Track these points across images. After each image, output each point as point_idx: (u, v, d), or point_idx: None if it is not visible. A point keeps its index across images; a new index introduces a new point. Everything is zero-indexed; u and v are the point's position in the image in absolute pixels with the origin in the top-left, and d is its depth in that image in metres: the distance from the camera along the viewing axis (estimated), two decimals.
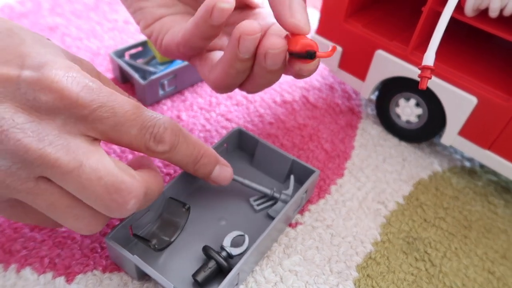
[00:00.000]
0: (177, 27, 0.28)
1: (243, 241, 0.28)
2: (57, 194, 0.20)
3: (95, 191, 0.20)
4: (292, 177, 0.32)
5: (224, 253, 0.27)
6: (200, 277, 0.26)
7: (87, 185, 0.20)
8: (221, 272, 0.26)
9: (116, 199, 0.21)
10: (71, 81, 0.20)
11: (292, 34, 0.24)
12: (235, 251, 0.27)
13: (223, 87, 0.27)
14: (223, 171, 0.28)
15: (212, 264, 0.26)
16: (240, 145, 0.35)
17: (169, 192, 0.29)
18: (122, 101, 0.22)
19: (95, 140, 0.22)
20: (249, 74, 0.26)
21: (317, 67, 0.25)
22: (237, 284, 0.26)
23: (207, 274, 0.26)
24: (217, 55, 0.29)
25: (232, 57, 0.24)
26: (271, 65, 0.24)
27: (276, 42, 0.23)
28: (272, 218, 0.29)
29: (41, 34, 0.24)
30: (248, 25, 0.22)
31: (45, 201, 0.20)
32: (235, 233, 0.28)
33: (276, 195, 0.30)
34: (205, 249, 0.27)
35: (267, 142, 0.33)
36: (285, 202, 0.30)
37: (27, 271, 0.26)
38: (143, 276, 0.27)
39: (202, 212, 0.31)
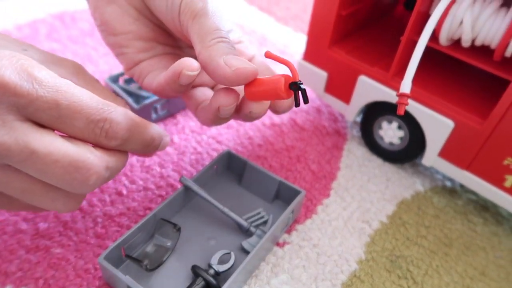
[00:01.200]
0: (154, 72, 0.30)
1: (229, 259, 0.29)
2: (26, 180, 0.21)
3: (55, 174, 0.21)
4: (271, 216, 0.33)
5: (211, 271, 0.28)
6: None
7: (45, 169, 0.20)
8: None
9: (77, 177, 0.21)
10: (11, 71, 0.20)
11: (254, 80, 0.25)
12: (221, 268, 0.28)
13: (210, 125, 0.29)
14: (165, 143, 0.28)
15: (199, 281, 0.27)
16: (230, 166, 0.37)
17: (160, 213, 0.30)
18: (72, 93, 0.21)
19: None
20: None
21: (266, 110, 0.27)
22: None
23: None
24: (201, 92, 0.30)
25: (215, 111, 0.26)
26: (223, 115, 0.27)
27: (224, 100, 0.25)
28: (247, 252, 0.30)
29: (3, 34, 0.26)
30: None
31: (17, 188, 0.21)
32: (221, 252, 0.29)
33: (252, 229, 0.31)
34: (193, 268, 0.28)
35: (255, 164, 0.34)
36: (260, 237, 0.31)
37: None
38: None
39: (192, 232, 0.32)
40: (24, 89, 0.20)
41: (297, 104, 0.23)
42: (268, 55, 0.25)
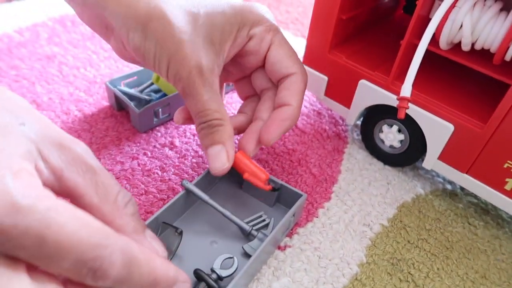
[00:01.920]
0: None
1: (232, 263, 0.29)
2: None
3: None
4: (272, 219, 0.33)
5: (214, 275, 0.28)
6: None
7: None
8: None
9: None
10: None
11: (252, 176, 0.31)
12: (224, 273, 0.28)
13: None
14: None
15: (202, 286, 0.27)
16: (231, 170, 0.37)
17: (162, 217, 0.30)
18: (63, 224, 0.17)
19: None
20: None
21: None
22: None
23: None
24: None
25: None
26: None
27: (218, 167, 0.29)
28: (249, 256, 0.30)
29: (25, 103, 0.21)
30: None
31: None
32: (224, 256, 0.29)
33: (254, 232, 0.31)
34: (196, 272, 0.28)
35: None
36: (262, 240, 0.31)
37: None
38: None
39: (195, 236, 0.32)
40: (3, 225, 0.16)
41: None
42: (245, 177, 0.31)
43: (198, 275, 0.28)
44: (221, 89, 0.36)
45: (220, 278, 0.28)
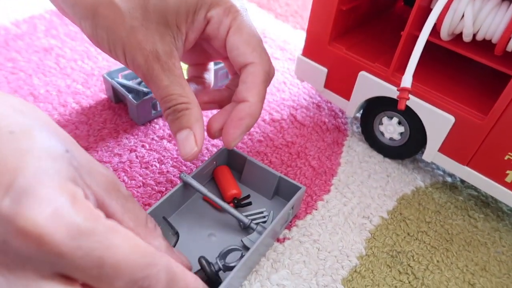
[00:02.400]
0: None
1: (239, 256, 0.28)
2: None
3: None
4: (271, 212, 0.33)
5: (217, 266, 0.27)
6: None
7: None
8: (213, 285, 0.27)
9: None
10: (57, 222, 0.16)
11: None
12: (228, 264, 0.28)
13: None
14: None
15: (201, 273, 0.27)
16: (229, 162, 0.36)
17: (159, 209, 0.30)
18: (119, 246, 0.18)
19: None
20: None
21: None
22: None
23: None
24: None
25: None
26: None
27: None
28: (247, 248, 0.30)
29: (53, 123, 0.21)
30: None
31: None
32: (231, 246, 0.29)
33: (253, 225, 0.31)
34: (200, 260, 0.27)
35: (255, 160, 0.34)
36: (260, 233, 0.31)
37: None
38: None
39: (193, 228, 0.32)
40: (68, 248, 0.16)
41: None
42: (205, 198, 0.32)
43: (201, 263, 0.27)
44: (204, 70, 0.35)
45: (223, 268, 0.27)
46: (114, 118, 0.41)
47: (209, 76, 0.36)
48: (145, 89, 0.41)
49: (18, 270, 0.16)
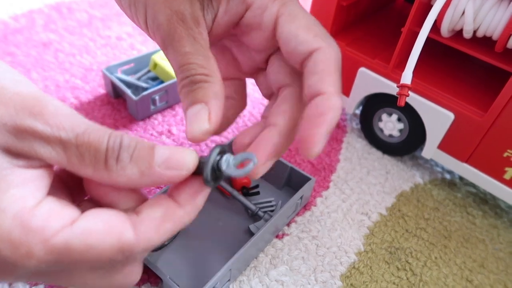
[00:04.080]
0: None
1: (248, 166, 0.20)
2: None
3: None
4: (280, 202, 0.33)
5: (221, 164, 0.20)
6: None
7: None
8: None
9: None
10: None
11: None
12: (233, 171, 0.20)
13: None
14: None
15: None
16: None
17: None
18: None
19: None
20: None
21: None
22: (229, 280, 0.28)
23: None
24: None
25: None
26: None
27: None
28: (252, 234, 0.30)
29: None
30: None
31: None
32: (245, 155, 0.21)
33: (260, 213, 0.32)
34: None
35: None
36: (267, 221, 0.31)
37: None
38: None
39: (201, 214, 0.32)
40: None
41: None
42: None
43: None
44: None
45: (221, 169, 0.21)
46: (113, 113, 0.41)
47: (242, 97, 0.28)
48: (144, 85, 0.41)
49: None
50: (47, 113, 0.18)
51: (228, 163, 0.20)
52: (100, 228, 0.18)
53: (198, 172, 0.20)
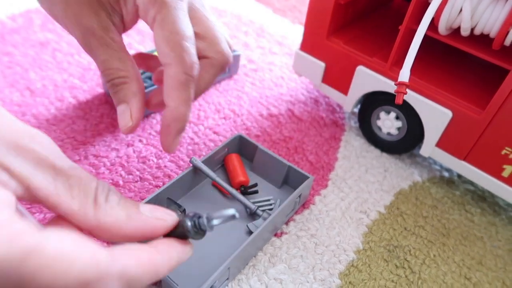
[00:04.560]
0: None
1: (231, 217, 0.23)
2: None
3: None
4: (278, 200, 0.33)
5: (202, 220, 0.22)
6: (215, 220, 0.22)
7: None
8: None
9: None
10: None
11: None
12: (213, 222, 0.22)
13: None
14: None
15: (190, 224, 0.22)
16: (241, 150, 0.37)
17: (168, 192, 0.31)
18: (43, 267, 0.15)
19: None
20: None
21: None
22: (227, 279, 0.28)
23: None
24: None
25: None
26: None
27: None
28: (251, 232, 0.31)
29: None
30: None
31: None
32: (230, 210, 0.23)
33: (259, 212, 0.32)
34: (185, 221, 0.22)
35: (265, 148, 0.35)
36: (265, 219, 0.31)
37: None
38: None
39: (201, 212, 0.32)
40: None
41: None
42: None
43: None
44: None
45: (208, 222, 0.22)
46: (111, 112, 0.40)
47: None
48: None
49: None
50: (45, 142, 0.19)
51: (210, 224, 0.21)
52: (74, 238, 0.16)
53: (177, 233, 0.21)
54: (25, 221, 0.16)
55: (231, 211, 0.21)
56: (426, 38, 0.31)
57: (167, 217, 0.21)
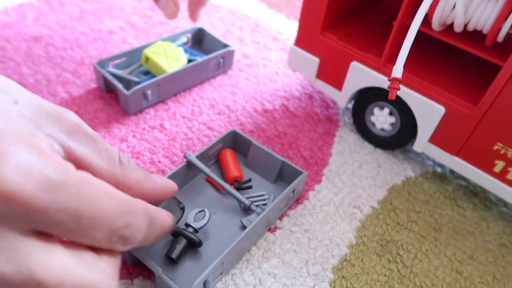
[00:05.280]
0: None
1: (204, 215, 0.30)
2: None
3: None
4: (272, 196, 0.34)
5: (190, 229, 0.29)
6: (174, 254, 0.28)
7: None
8: (193, 246, 0.29)
9: None
10: (25, 177, 0.15)
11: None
12: (199, 225, 0.30)
13: None
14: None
15: (181, 240, 0.28)
16: (235, 145, 0.37)
17: None
18: (94, 197, 0.18)
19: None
20: None
21: None
22: (221, 273, 0.28)
23: (179, 249, 0.28)
24: None
25: None
26: None
27: None
28: (245, 227, 0.31)
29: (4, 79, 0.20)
30: None
31: None
32: (196, 210, 0.31)
33: (253, 207, 0.32)
34: (172, 231, 0.29)
35: (259, 144, 0.35)
36: (258, 214, 0.31)
37: None
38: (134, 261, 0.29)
39: (193, 208, 0.32)
40: (41, 203, 0.16)
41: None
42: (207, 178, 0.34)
43: (176, 232, 0.28)
44: None
45: (196, 230, 0.29)
46: (105, 107, 0.40)
47: None
48: (136, 79, 0.41)
49: None
50: (74, 114, 0.21)
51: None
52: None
53: None
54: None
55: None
56: (419, 34, 0.31)
57: (172, 183, 0.26)
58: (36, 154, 0.16)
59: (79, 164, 0.20)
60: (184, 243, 0.28)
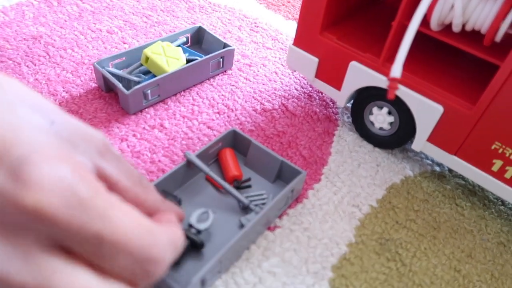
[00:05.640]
0: None
1: (208, 217, 0.30)
2: None
3: None
4: (271, 195, 0.34)
5: (193, 230, 0.29)
6: None
7: None
8: (195, 247, 0.29)
9: None
10: (55, 191, 0.16)
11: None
12: (202, 226, 0.29)
13: None
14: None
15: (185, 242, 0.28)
16: (235, 145, 0.37)
17: (162, 185, 0.31)
18: (118, 221, 0.17)
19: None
20: None
21: None
22: (219, 272, 0.28)
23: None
24: None
25: None
26: None
27: None
28: (243, 226, 0.31)
29: (34, 93, 0.20)
30: None
31: None
32: (200, 211, 0.30)
33: (252, 206, 0.32)
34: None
35: (259, 143, 0.35)
36: (257, 213, 0.31)
37: None
38: None
39: (192, 207, 0.33)
40: (63, 216, 0.16)
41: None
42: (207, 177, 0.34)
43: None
44: None
45: (199, 231, 0.29)
46: (105, 107, 0.40)
47: None
48: (135, 79, 0.41)
49: (17, 239, 0.16)
50: (98, 132, 0.22)
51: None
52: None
53: None
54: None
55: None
56: (418, 34, 0.32)
57: (181, 210, 0.26)
58: (70, 170, 0.17)
59: (108, 183, 0.20)
60: (186, 245, 0.28)
